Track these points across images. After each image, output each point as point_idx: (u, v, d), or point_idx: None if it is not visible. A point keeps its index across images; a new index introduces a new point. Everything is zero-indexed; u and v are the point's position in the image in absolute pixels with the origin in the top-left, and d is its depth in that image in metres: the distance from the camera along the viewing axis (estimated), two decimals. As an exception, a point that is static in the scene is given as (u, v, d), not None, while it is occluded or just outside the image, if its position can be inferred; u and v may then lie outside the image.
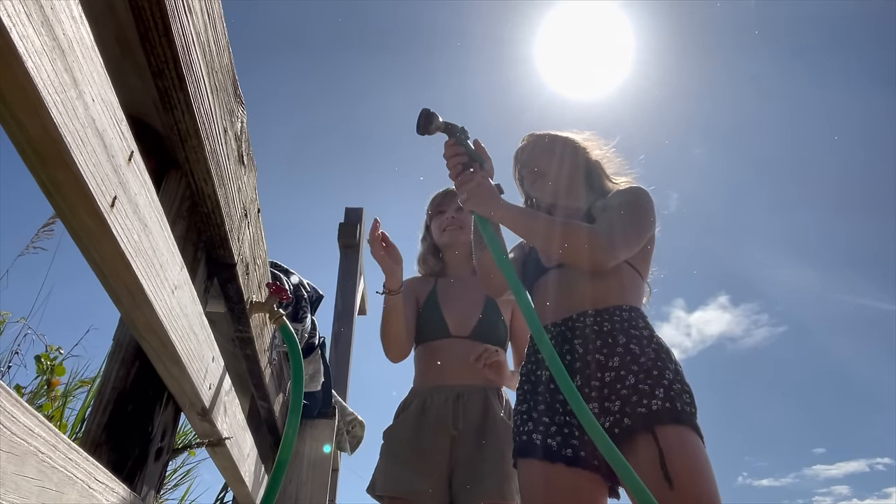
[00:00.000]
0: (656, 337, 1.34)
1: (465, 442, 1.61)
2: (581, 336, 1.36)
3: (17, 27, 0.39)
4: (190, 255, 0.91)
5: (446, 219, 1.89)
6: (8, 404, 0.43)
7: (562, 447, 1.29)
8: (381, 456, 1.70)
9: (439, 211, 1.92)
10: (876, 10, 32.44)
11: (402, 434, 1.66)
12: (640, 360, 1.28)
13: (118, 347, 0.86)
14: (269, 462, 1.79)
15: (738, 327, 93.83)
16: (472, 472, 1.57)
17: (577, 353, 1.34)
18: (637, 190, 1.50)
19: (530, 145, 1.65)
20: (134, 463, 0.81)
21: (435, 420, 1.64)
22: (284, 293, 1.33)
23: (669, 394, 1.22)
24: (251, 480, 1.40)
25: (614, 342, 1.31)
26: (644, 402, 1.21)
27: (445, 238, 1.88)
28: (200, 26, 0.75)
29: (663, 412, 1.19)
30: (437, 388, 1.70)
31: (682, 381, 1.27)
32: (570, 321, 1.39)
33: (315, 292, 1.87)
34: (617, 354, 1.30)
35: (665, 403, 1.20)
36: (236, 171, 0.99)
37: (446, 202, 1.92)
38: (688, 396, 1.24)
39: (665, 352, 1.31)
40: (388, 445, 1.68)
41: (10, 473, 0.44)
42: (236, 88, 0.97)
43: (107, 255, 0.58)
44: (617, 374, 1.27)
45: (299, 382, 1.27)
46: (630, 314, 1.37)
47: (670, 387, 1.23)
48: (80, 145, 0.48)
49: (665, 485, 1.10)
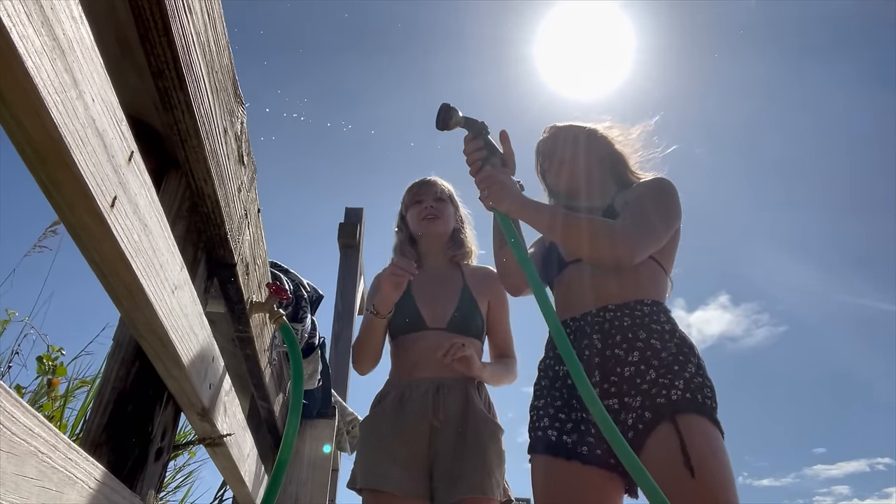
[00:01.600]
0: (679, 332, 1.31)
1: (446, 434, 1.60)
2: (600, 331, 1.33)
3: (17, 27, 0.39)
4: (190, 255, 0.91)
5: (424, 208, 1.86)
6: (8, 404, 0.43)
7: (577, 444, 1.27)
8: (360, 448, 1.66)
9: (417, 200, 1.89)
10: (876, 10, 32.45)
11: (381, 425, 1.64)
12: (661, 354, 1.25)
13: (118, 347, 0.86)
14: (269, 462, 1.79)
15: (739, 327, 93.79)
16: (452, 466, 1.56)
17: (596, 349, 1.31)
18: (660, 181, 1.45)
19: (552, 137, 1.62)
20: (134, 463, 0.81)
21: (414, 411, 1.62)
22: (284, 293, 1.33)
23: (690, 386, 1.20)
24: (251, 480, 1.40)
25: (634, 337, 1.29)
26: (664, 392, 1.19)
27: (423, 228, 1.85)
28: (200, 26, 0.75)
29: (683, 402, 1.17)
30: (415, 381, 1.68)
31: (704, 375, 1.25)
32: (590, 316, 1.37)
33: (315, 292, 1.87)
34: (637, 349, 1.27)
35: (685, 394, 1.18)
36: (236, 171, 0.99)
37: (424, 191, 1.89)
38: (709, 391, 1.22)
39: (687, 346, 1.28)
40: (368, 438, 1.65)
41: (10, 473, 0.44)
42: (236, 88, 0.97)
43: (107, 255, 0.58)
44: (637, 369, 1.25)
45: (299, 382, 1.27)
46: (652, 308, 1.34)
47: (691, 380, 1.21)
48: (80, 145, 0.48)
49: (686, 473, 1.08)
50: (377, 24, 30.32)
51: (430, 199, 1.87)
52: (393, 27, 32.58)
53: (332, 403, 2.22)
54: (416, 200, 1.89)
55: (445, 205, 1.88)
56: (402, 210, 1.96)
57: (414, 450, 1.59)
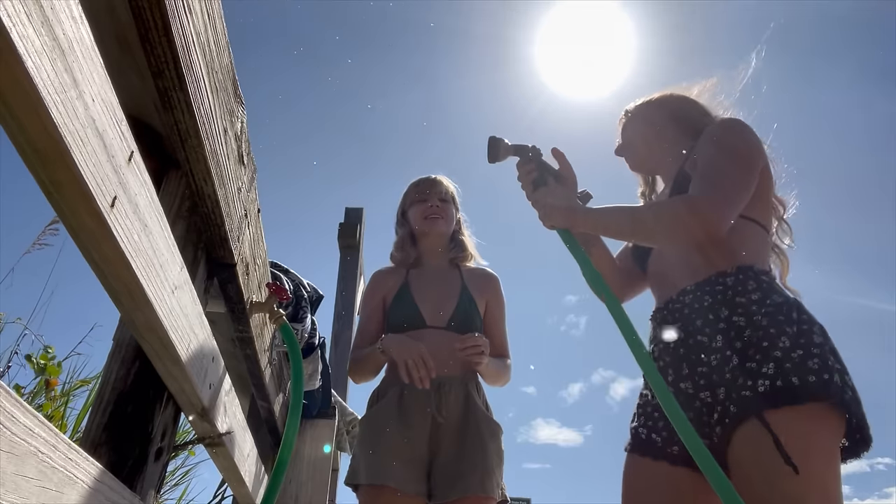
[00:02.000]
0: (772, 297, 1.11)
1: (447, 431, 1.60)
2: (681, 318, 1.20)
3: (17, 27, 0.39)
4: (190, 255, 0.91)
5: (429, 206, 1.84)
6: (8, 404, 0.43)
7: (666, 444, 1.18)
8: (361, 444, 1.63)
9: (421, 199, 1.87)
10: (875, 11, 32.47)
11: (383, 421, 1.63)
12: (745, 333, 1.08)
13: (118, 347, 0.86)
14: (269, 462, 1.79)
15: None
16: (452, 464, 1.56)
17: (681, 339, 1.19)
18: (723, 122, 1.28)
19: (621, 124, 1.51)
20: (134, 463, 0.81)
21: (417, 408, 1.62)
22: (284, 293, 1.33)
23: (783, 367, 1.00)
24: (251, 481, 1.40)
25: (716, 318, 1.13)
26: (749, 383, 1.02)
27: (427, 226, 1.83)
28: (200, 26, 0.75)
29: (770, 394, 0.99)
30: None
31: (806, 345, 1.03)
32: (671, 303, 1.24)
33: (315, 292, 1.87)
34: (720, 332, 1.11)
35: (776, 381, 0.99)
36: (236, 170, 0.99)
37: (429, 189, 1.87)
38: (816, 362, 1.00)
39: (783, 313, 1.08)
40: (369, 433, 1.63)
41: (10, 473, 0.44)
42: (236, 88, 0.97)
43: (107, 256, 0.58)
44: (722, 356, 1.09)
45: (299, 383, 1.27)
46: (737, 278, 1.15)
47: (785, 359, 1.01)
48: (80, 145, 0.48)
49: (788, 470, 0.93)
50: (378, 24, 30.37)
51: (434, 198, 1.86)
52: (393, 28, 32.62)
53: (333, 403, 2.22)
54: (421, 199, 1.87)
55: (449, 205, 1.88)
56: (403, 205, 1.93)
57: (415, 446, 1.59)
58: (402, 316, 1.73)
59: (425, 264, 1.86)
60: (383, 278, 1.86)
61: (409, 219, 1.90)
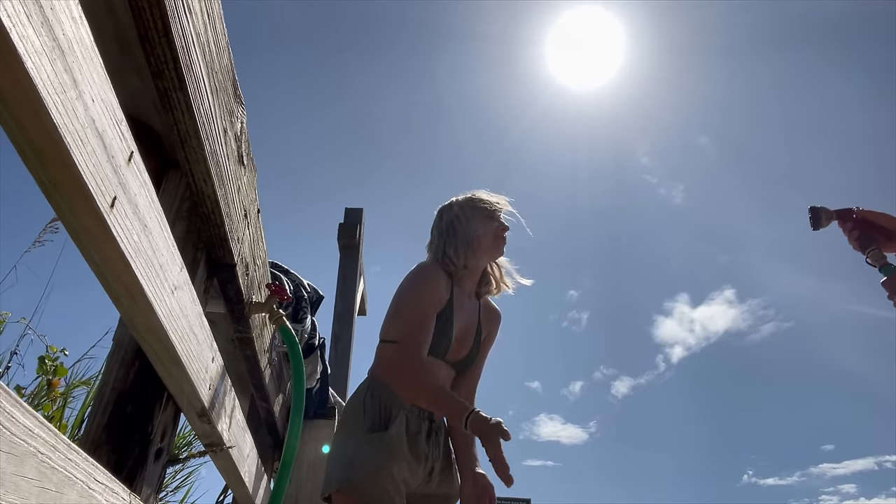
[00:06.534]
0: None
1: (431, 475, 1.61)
2: None
3: (17, 27, 0.39)
4: (190, 256, 0.91)
5: (501, 227, 1.70)
6: (8, 405, 0.43)
7: None
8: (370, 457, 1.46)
9: (491, 217, 1.70)
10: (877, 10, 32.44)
11: (398, 450, 1.52)
12: None
13: (118, 348, 0.86)
14: (269, 462, 1.79)
15: (745, 323, 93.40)
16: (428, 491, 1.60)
17: None
18: None
19: None
20: (134, 463, 0.81)
21: (420, 449, 1.60)
22: (284, 293, 1.33)
23: None
24: (251, 481, 1.40)
25: None
26: None
27: (498, 249, 1.70)
28: (200, 27, 0.75)
29: None
30: (412, 406, 1.57)
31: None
32: None
33: (315, 293, 1.87)
34: None
35: None
36: (236, 171, 0.99)
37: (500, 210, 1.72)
38: None
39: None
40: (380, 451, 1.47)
41: (10, 474, 0.44)
42: (236, 89, 0.97)
43: (107, 256, 0.58)
44: None
45: (300, 383, 1.27)
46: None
47: None
48: (80, 146, 0.48)
49: None
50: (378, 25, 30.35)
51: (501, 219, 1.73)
52: (395, 27, 32.57)
53: (332, 404, 2.22)
54: (492, 216, 1.70)
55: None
56: (466, 212, 1.72)
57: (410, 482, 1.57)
58: (438, 341, 1.61)
59: (463, 287, 1.72)
60: (439, 283, 1.65)
61: (475, 229, 1.70)
